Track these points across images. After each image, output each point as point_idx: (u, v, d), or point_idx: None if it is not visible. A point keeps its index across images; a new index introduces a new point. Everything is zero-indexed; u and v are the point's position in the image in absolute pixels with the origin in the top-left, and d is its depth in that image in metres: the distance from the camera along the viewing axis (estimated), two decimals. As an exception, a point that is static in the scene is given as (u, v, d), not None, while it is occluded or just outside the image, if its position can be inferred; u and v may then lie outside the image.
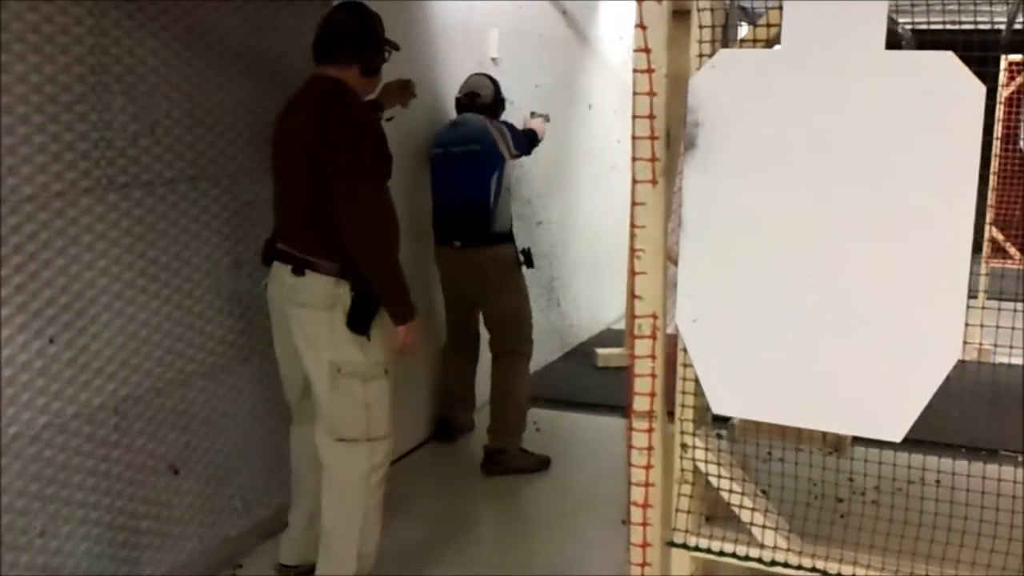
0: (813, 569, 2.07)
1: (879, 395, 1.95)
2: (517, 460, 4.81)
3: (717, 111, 2.10)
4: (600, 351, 6.68)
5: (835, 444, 4.90)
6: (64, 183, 3.02)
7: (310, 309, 3.28)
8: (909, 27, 7.13)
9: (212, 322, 3.67)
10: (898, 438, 1.92)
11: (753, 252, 2.06)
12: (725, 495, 2.18)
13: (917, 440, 2.63)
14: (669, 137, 2.26)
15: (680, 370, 2.22)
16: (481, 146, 4.79)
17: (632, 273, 2.30)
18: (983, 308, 2.96)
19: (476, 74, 5.10)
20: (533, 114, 5.36)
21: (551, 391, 5.99)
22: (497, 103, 5.05)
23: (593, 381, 6.29)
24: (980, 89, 1.86)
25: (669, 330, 2.30)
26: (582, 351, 6.95)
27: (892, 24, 5.96)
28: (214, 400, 3.71)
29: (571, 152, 6.86)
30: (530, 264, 4.99)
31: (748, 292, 2.07)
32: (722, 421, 4.77)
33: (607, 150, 7.26)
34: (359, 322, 3.26)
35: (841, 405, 2.00)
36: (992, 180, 6.91)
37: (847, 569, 2.05)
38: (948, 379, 1.98)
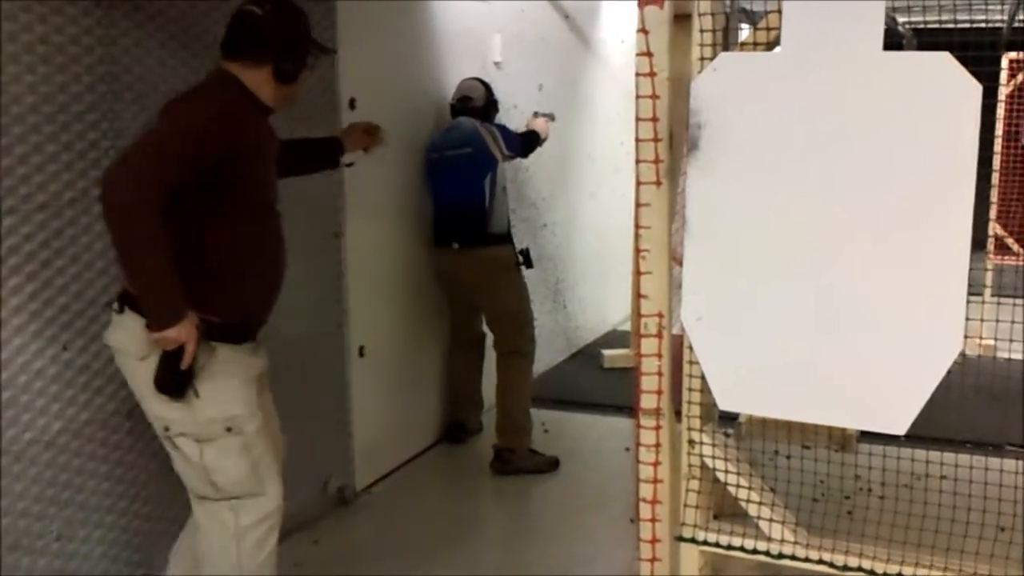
0: (820, 561, 2.11)
1: (883, 389, 1.99)
2: (526, 460, 4.84)
3: (719, 113, 2.14)
4: (606, 352, 6.72)
5: (841, 441, 4.92)
6: (76, 191, 3.06)
7: (125, 356, 2.79)
8: (909, 26, 7.16)
9: (222, 327, 3.71)
10: (902, 431, 1.96)
11: (756, 251, 2.10)
12: (732, 490, 2.21)
13: (922, 436, 2.66)
14: (672, 139, 2.29)
15: (686, 367, 2.26)
16: (473, 148, 4.83)
17: (637, 273, 2.34)
18: (983, 304, 3.00)
19: (468, 79, 5.13)
20: (536, 114, 5.37)
21: (558, 392, 6.02)
22: (489, 105, 5.08)
23: (599, 382, 6.33)
24: (976, 88, 1.90)
25: (675, 330, 2.33)
26: (588, 352, 6.99)
27: (892, 24, 5.98)
28: (225, 404, 3.74)
29: (575, 155, 6.90)
30: (529, 264, 5.00)
31: (752, 290, 2.11)
32: (729, 420, 4.83)
33: (611, 153, 7.30)
34: (170, 382, 2.68)
35: (845, 400, 2.04)
36: (994, 177, 6.94)
37: (853, 561, 2.08)
38: (952, 375, 2.01)
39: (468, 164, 4.83)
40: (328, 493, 4.38)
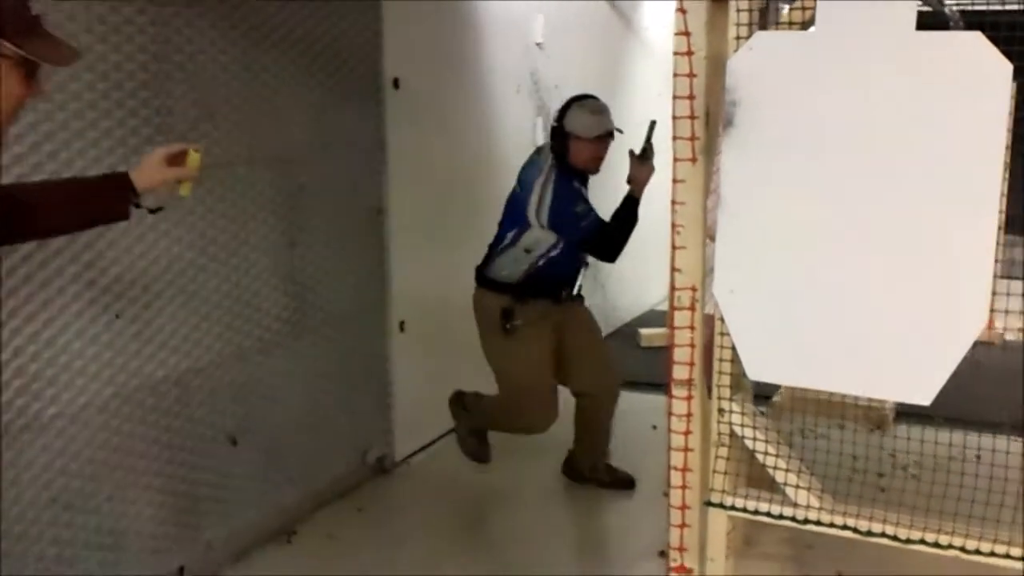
0: (844, 527, 2.17)
1: (909, 361, 2.03)
2: (464, 434, 4.52)
3: (754, 91, 2.18)
4: (643, 331, 6.79)
5: (877, 421, 4.96)
6: (129, 166, 3.15)
7: None
8: (957, 8, 7.10)
9: (268, 299, 3.81)
10: (927, 402, 2.01)
11: (788, 225, 2.15)
12: (760, 457, 2.27)
13: (960, 418, 2.66)
14: (708, 117, 2.34)
15: (717, 339, 2.32)
16: (522, 190, 4.05)
17: (672, 248, 2.40)
18: (1015, 287, 3.00)
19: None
20: (635, 155, 4.10)
21: (595, 370, 6.08)
22: (554, 136, 4.02)
23: (636, 360, 6.39)
24: (1007, 67, 1.94)
25: (708, 309, 2.38)
26: (626, 331, 7.08)
27: (939, 5, 5.95)
28: (270, 374, 3.85)
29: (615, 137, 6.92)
30: (505, 328, 4.11)
31: (783, 263, 2.16)
32: (764, 398, 4.86)
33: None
34: None
35: (872, 371, 2.09)
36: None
37: (877, 527, 2.14)
38: (991, 358, 2.04)
39: (510, 203, 4.15)
40: (368, 462, 4.48)
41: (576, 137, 3.96)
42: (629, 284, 7.28)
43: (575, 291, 4.31)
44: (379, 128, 4.36)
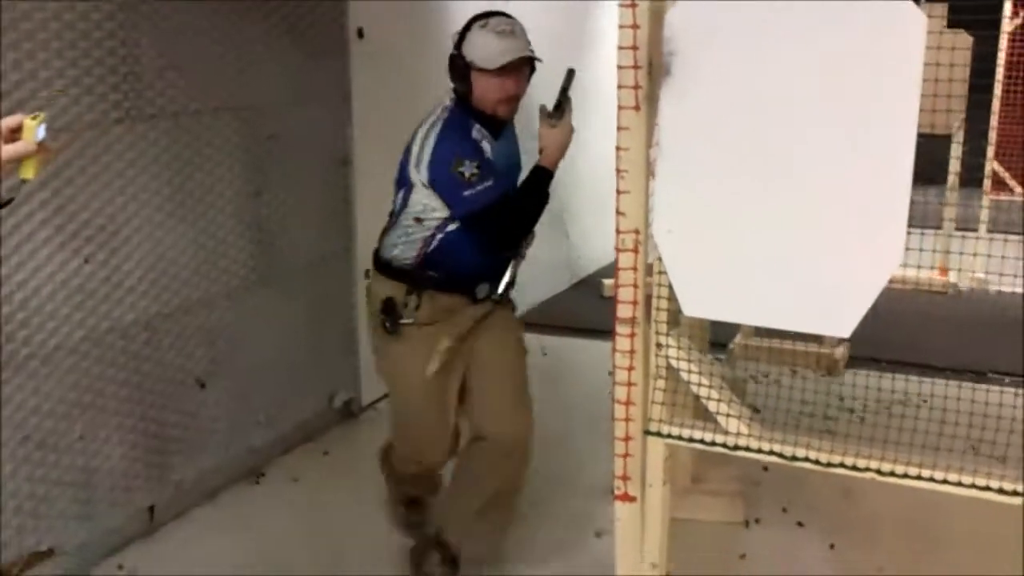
0: (771, 452, 2.31)
1: (831, 296, 2.17)
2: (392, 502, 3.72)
3: (690, 41, 2.30)
4: (606, 281, 6.92)
5: (828, 367, 5.14)
6: (96, 114, 3.25)
7: None
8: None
9: (234, 247, 3.92)
10: (847, 334, 2.15)
11: (721, 169, 2.27)
12: (694, 388, 2.41)
13: (909, 363, 2.74)
14: (652, 67, 2.45)
15: (655, 278, 2.44)
16: (407, 146, 3.08)
17: (617, 192, 2.52)
18: (977, 239, 3.13)
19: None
20: (546, 112, 3.23)
21: (559, 319, 6.25)
22: (452, 68, 3.02)
23: (598, 309, 6.51)
24: (922, 18, 2.06)
25: (650, 260, 2.50)
26: (590, 281, 7.25)
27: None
28: (237, 319, 3.97)
29: (579, 85, 6.99)
30: (388, 327, 3.07)
31: (717, 206, 2.28)
32: (720, 346, 5.01)
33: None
34: None
35: (798, 306, 2.22)
36: (995, 108, 7.01)
37: (801, 452, 2.28)
38: (943, 307, 2.16)
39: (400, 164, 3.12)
40: (335, 406, 4.61)
41: (478, 69, 2.96)
42: (592, 235, 7.40)
43: (501, 289, 3.19)
44: (344, 78, 4.44)
